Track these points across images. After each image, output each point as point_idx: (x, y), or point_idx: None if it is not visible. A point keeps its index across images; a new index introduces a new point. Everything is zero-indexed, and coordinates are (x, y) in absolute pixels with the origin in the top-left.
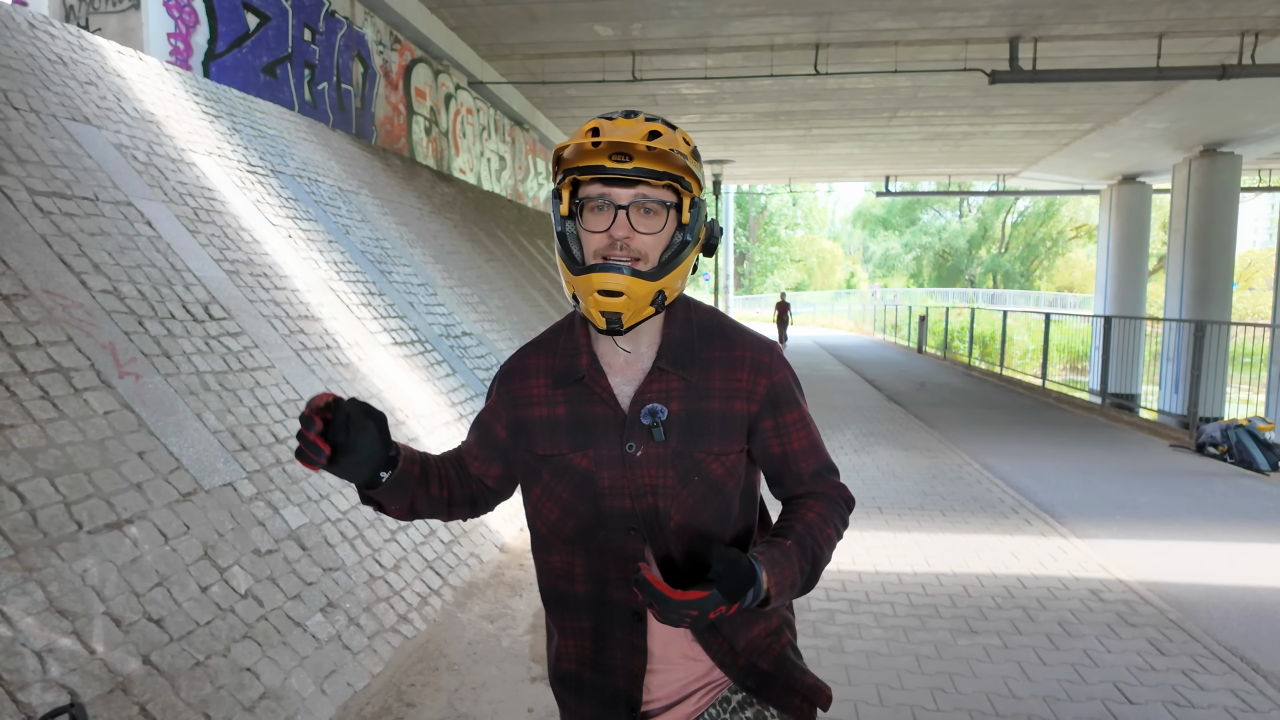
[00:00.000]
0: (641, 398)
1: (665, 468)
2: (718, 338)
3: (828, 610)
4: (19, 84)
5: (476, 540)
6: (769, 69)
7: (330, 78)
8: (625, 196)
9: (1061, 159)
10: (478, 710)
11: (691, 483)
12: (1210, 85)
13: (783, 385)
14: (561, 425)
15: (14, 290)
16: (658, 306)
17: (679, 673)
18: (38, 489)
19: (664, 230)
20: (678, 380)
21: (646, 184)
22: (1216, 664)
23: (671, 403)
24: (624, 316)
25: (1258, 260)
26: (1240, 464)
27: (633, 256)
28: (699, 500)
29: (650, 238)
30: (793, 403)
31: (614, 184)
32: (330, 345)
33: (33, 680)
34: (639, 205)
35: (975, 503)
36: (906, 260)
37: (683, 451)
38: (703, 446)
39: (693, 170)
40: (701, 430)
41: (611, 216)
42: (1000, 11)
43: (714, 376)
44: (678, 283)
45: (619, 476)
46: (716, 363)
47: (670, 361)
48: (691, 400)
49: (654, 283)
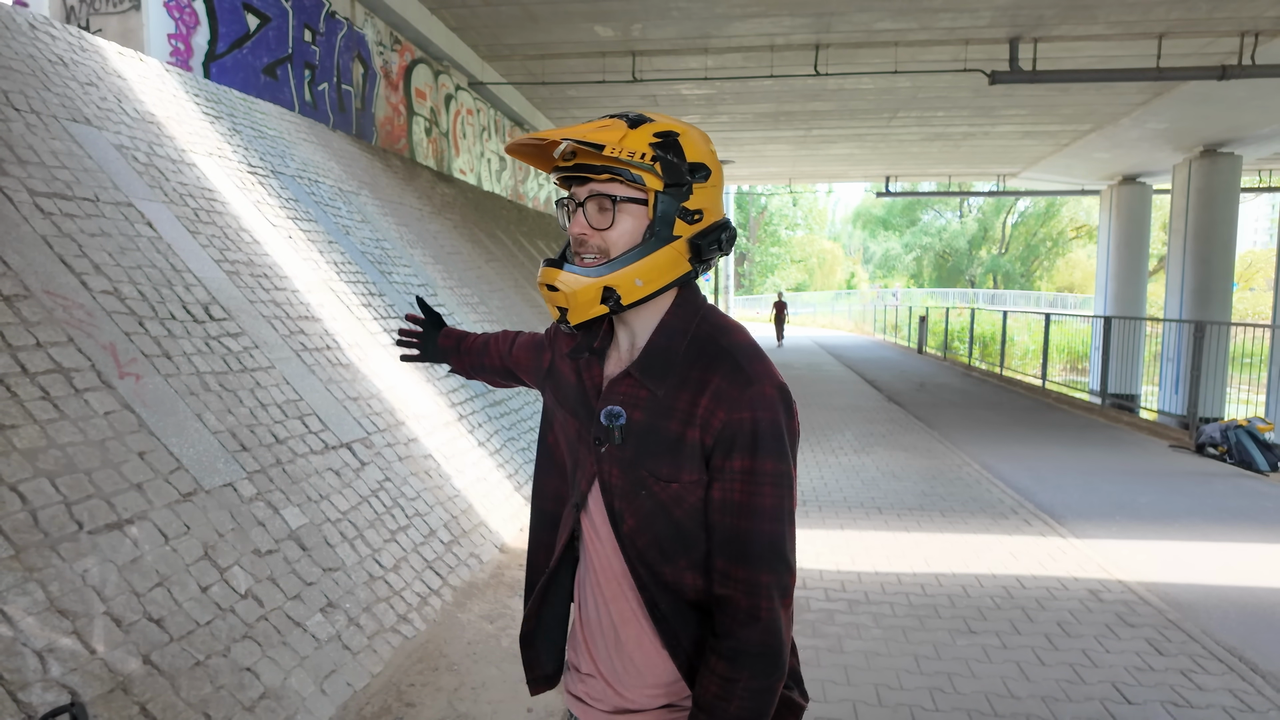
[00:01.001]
0: (610, 396)
1: (624, 469)
2: (706, 358)
3: (827, 610)
4: (20, 85)
5: (476, 541)
6: (769, 69)
7: (330, 78)
8: (581, 193)
9: (1061, 159)
10: (477, 710)
11: (639, 496)
12: (1210, 86)
13: (746, 425)
14: (572, 389)
15: (15, 291)
16: (612, 306)
17: (648, 677)
18: (38, 489)
19: (618, 226)
20: (645, 391)
21: (592, 179)
22: (1215, 664)
23: (635, 411)
24: (568, 313)
25: (1258, 261)
26: (1240, 464)
27: (592, 254)
28: (648, 514)
29: (609, 233)
30: (750, 450)
31: (573, 181)
32: (330, 346)
33: (33, 680)
34: (594, 201)
35: (975, 503)
36: (907, 261)
37: (635, 461)
38: (649, 466)
39: (646, 162)
40: (653, 448)
41: (580, 214)
42: (1000, 12)
43: (682, 397)
44: (635, 281)
45: (586, 457)
46: (691, 383)
47: (642, 369)
48: (653, 415)
49: (595, 279)
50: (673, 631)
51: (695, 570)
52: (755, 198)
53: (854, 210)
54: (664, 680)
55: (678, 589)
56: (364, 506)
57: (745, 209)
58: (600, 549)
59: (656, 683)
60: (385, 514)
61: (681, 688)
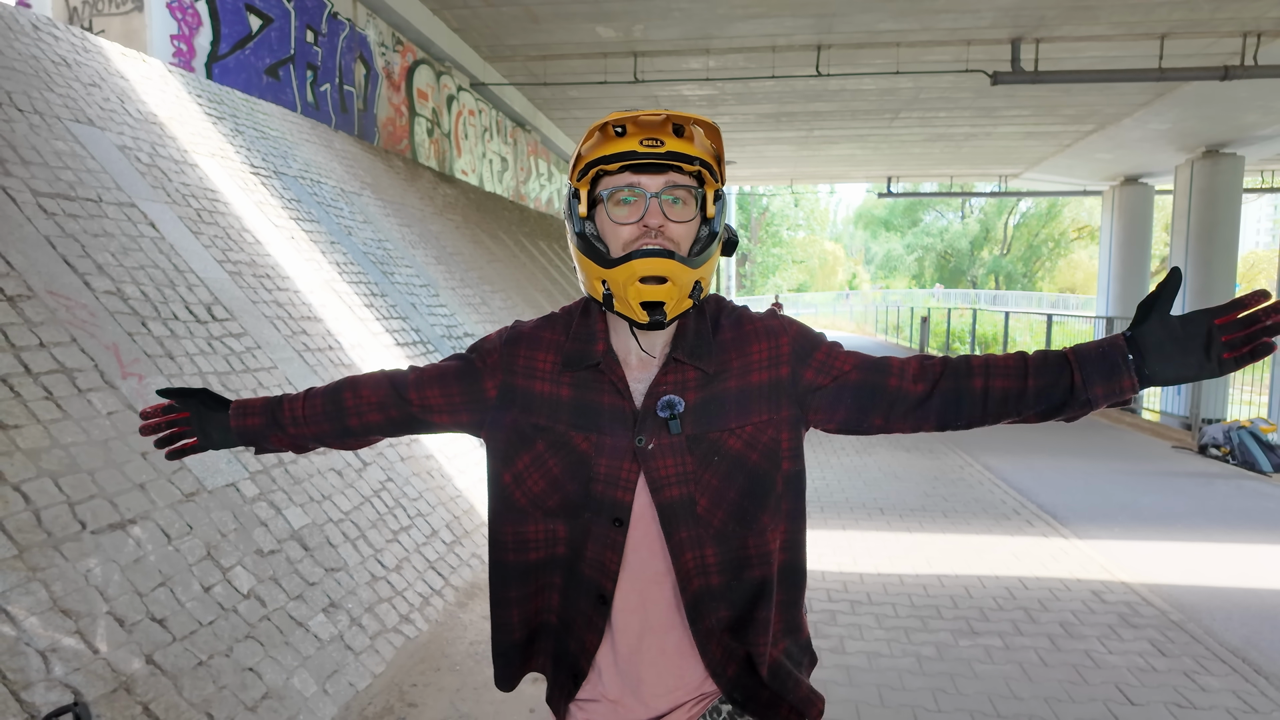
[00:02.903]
0: (657, 390)
1: (682, 455)
2: (727, 322)
3: (829, 611)
4: (23, 85)
5: (478, 541)
6: (771, 70)
7: (333, 79)
8: (656, 184)
9: (1063, 160)
10: (479, 710)
11: (712, 464)
12: (1212, 86)
13: (801, 336)
14: (564, 405)
15: (18, 291)
16: (695, 298)
17: (668, 680)
18: (42, 489)
19: (694, 220)
20: (694, 371)
21: (677, 170)
22: (1218, 665)
23: (688, 393)
24: (667, 306)
25: (1260, 261)
26: (1242, 465)
27: (669, 247)
28: (722, 480)
29: (682, 227)
30: (819, 343)
31: (644, 171)
32: (333, 346)
33: (36, 679)
34: (670, 193)
35: (977, 504)
36: (908, 261)
37: (698, 436)
38: (718, 426)
39: (720, 158)
40: (717, 412)
41: (642, 207)
42: (1002, 13)
43: (730, 359)
44: (710, 275)
45: (618, 467)
46: (729, 345)
47: (687, 353)
48: (707, 388)
49: (695, 270)
50: (710, 627)
51: (775, 523)
52: (757, 199)
53: (855, 211)
54: (688, 680)
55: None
56: (366, 507)
57: (747, 210)
58: (636, 557)
59: (678, 685)
60: (387, 514)
61: (707, 680)
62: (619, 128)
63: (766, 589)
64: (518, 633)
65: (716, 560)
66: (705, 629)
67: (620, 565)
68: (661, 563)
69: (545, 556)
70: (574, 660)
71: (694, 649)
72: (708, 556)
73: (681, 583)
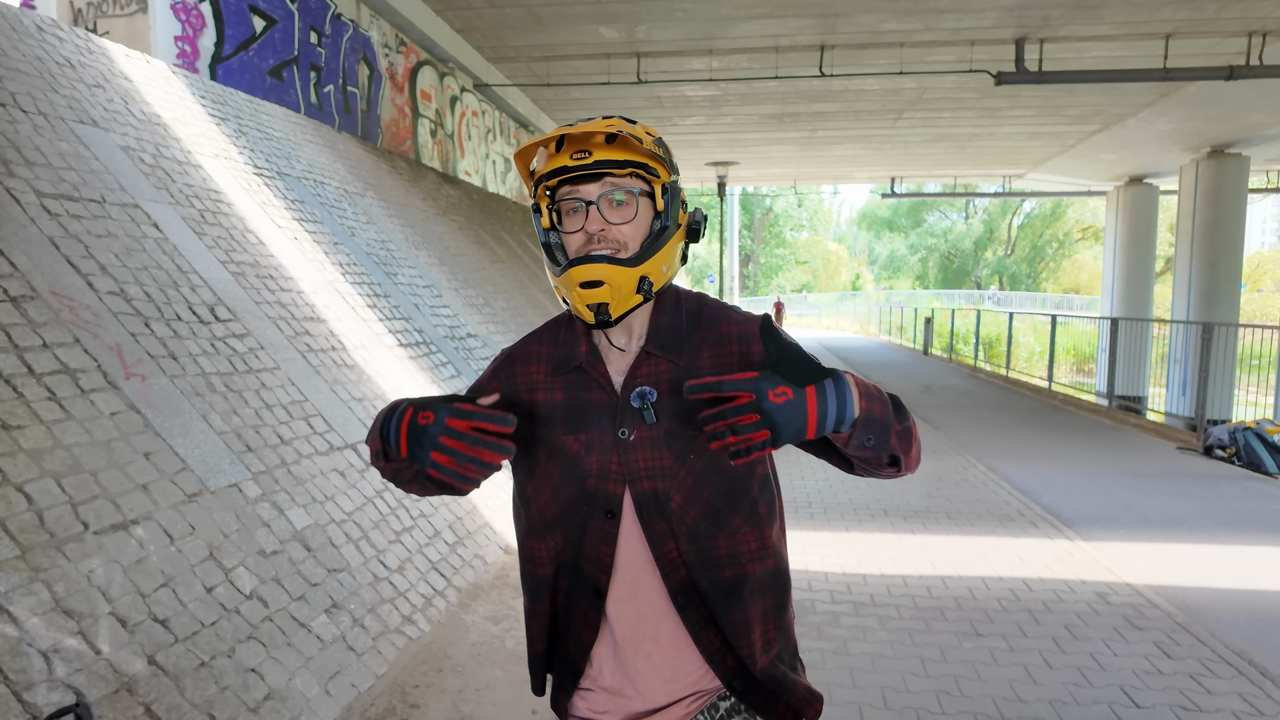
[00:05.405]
0: (631, 381)
1: (660, 449)
2: (705, 319)
3: (832, 613)
4: (27, 86)
5: (481, 542)
6: (774, 71)
7: (336, 80)
8: (593, 191)
9: (1068, 160)
10: (482, 712)
11: (688, 461)
12: (1218, 86)
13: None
14: (558, 410)
15: (21, 292)
16: (645, 294)
17: (664, 672)
18: (44, 489)
19: (637, 218)
20: (666, 364)
21: (610, 175)
22: (1224, 668)
23: (661, 385)
24: (610, 306)
25: (1266, 262)
26: (1248, 466)
27: (612, 249)
28: (698, 479)
29: (625, 227)
30: None
31: (580, 181)
32: (336, 347)
33: (39, 680)
34: (607, 198)
35: (981, 505)
36: (912, 262)
37: (675, 431)
38: (695, 424)
39: (657, 155)
40: (691, 407)
41: (585, 215)
42: (1006, 13)
43: (703, 356)
44: (662, 268)
45: (608, 461)
46: (705, 342)
47: (658, 345)
48: (681, 382)
49: (634, 269)
50: (702, 617)
51: (749, 526)
52: (760, 199)
53: (859, 211)
54: (685, 674)
55: (730, 559)
56: (369, 507)
57: (750, 210)
58: (627, 547)
59: (674, 677)
60: (390, 515)
61: (705, 677)
62: (557, 143)
63: (740, 591)
64: (540, 644)
65: (690, 557)
66: (698, 619)
67: (614, 557)
68: (649, 551)
69: (552, 571)
70: (573, 660)
71: (688, 639)
72: (684, 553)
73: (664, 572)
